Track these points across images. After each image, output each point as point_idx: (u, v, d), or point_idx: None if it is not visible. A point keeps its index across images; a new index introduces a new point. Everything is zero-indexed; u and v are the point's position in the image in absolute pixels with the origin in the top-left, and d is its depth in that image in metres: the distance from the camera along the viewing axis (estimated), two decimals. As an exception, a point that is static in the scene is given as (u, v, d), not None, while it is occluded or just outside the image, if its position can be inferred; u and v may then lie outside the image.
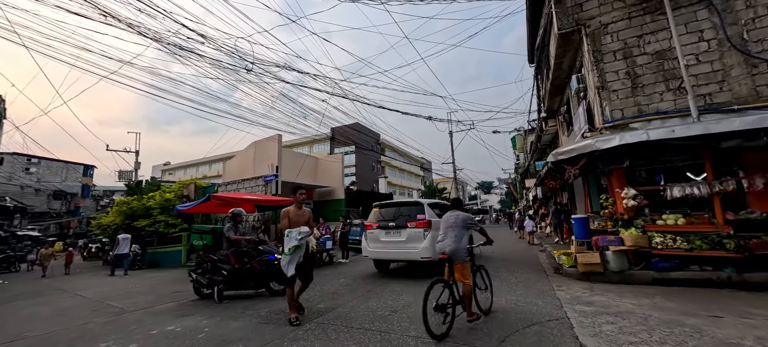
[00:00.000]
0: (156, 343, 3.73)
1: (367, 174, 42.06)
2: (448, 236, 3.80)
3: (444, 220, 4.02)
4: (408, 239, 6.46)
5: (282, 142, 14.46)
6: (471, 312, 3.65)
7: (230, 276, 5.70)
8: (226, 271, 5.72)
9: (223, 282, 5.70)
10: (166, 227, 13.12)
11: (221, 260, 5.85)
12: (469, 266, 3.75)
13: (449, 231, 3.83)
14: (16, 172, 33.19)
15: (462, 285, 3.65)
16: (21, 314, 5.92)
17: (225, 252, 5.92)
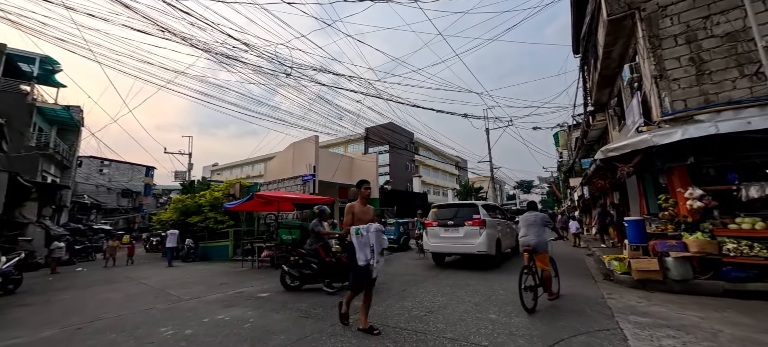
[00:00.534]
0: (208, 331, 4.04)
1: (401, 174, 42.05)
2: (530, 232, 4.68)
3: (524, 219, 4.91)
4: (465, 235, 7.54)
5: (319, 142, 14.94)
6: (551, 292, 4.64)
7: (320, 269, 5.95)
8: (316, 265, 5.98)
9: (313, 276, 5.97)
10: (215, 223, 14.15)
11: (310, 254, 6.11)
12: (548, 255, 4.66)
13: (531, 228, 4.72)
14: (92, 173, 37.75)
15: (542, 271, 4.50)
16: (97, 298, 6.72)
17: (313, 246, 6.14)
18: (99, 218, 33.07)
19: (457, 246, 7.78)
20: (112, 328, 4.38)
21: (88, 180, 36.56)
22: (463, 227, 7.60)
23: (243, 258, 11.42)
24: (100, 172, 39.71)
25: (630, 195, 9.30)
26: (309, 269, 6.07)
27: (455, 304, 4.70)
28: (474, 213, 7.68)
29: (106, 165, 40.60)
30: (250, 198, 10.30)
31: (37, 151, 18.20)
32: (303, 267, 6.16)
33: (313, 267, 6.02)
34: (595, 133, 13.00)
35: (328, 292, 5.84)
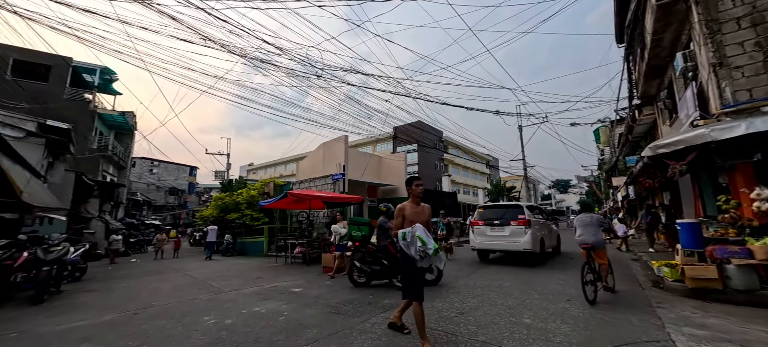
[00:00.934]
0: (246, 321, 4.26)
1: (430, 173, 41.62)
2: (587, 232, 5.16)
3: (580, 220, 5.40)
4: (511, 234, 8.14)
5: (348, 142, 15.19)
6: (606, 282, 5.11)
7: (390, 266, 6.07)
8: (388, 261, 6.09)
9: (382, 273, 6.11)
10: (252, 220, 14.88)
11: (380, 250, 6.22)
12: (606, 251, 5.19)
13: (587, 228, 5.21)
14: (143, 173, 41.21)
15: (600, 265, 4.97)
16: (148, 287, 7.33)
17: (383, 243, 6.22)
18: (149, 214, 36.03)
19: (502, 244, 8.37)
20: (163, 315, 4.76)
21: (140, 179, 39.97)
22: (509, 226, 8.20)
23: (277, 254, 11.90)
24: (150, 172, 43.24)
25: (683, 195, 8.53)
26: (379, 265, 6.14)
27: (487, 307, 4.58)
28: (519, 213, 8.25)
29: (156, 165, 44.09)
30: (284, 196, 10.71)
31: (98, 153, 20.19)
32: (372, 264, 6.21)
33: (383, 264, 6.10)
34: (642, 128, 12.03)
35: (396, 287, 6.01)
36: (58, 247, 6.67)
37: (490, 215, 8.77)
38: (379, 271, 6.14)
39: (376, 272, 6.15)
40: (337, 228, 8.56)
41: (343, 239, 8.19)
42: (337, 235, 8.40)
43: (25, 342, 3.77)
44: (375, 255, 6.23)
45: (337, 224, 8.65)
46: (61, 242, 7.04)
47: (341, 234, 8.38)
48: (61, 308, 5.45)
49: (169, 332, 3.97)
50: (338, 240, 8.26)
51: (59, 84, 19.56)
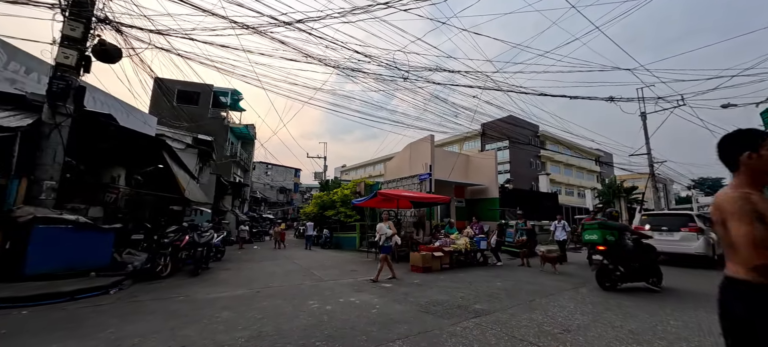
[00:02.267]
0: (343, 309, 4.65)
1: (524, 171, 38.02)
2: None
3: None
4: (681, 239, 8.95)
5: (434, 141, 15.07)
6: None
7: (643, 267, 6.02)
8: (640, 263, 6.03)
9: (636, 274, 6.00)
10: (346, 217, 16.18)
11: (634, 251, 6.15)
12: None
13: None
14: (261, 174, 49.15)
15: None
16: (266, 271, 8.70)
17: (629, 243, 6.19)
18: (265, 209, 42.80)
19: (672, 247, 8.95)
20: (278, 295, 5.59)
21: (259, 180, 47.80)
22: (679, 232, 9.01)
23: (368, 250, 12.63)
24: (265, 173, 51.31)
25: None
26: (628, 267, 5.98)
27: (601, 327, 3.92)
28: (689, 221, 9.20)
29: (270, 168, 52.06)
30: (374, 195, 11.31)
31: (230, 159, 24.98)
32: (625, 264, 6.02)
33: (636, 265, 5.98)
34: None
35: (652, 288, 5.93)
36: (207, 233, 8.51)
37: (658, 222, 9.57)
38: (633, 273, 5.95)
39: (629, 274, 5.94)
40: (383, 228, 7.53)
41: (388, 240, 7.36)
42: (383, 236, 7.41)
43: (189, 305, 4.92)
44: (628, 257, 5.99)
45: (383, 223, 7.66)
46: (208, 229, 8.95)
47: (387, 234, 7.38)
48: (209, 281, 6.94)
49: (282, 310, 4.62)
50: (384, 240, 7.36)
51: (205, 106, 24.94)
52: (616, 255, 6.06)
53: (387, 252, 7.26)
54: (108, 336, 3.50)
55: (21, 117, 6.44)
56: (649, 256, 6.13)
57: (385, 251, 7.26)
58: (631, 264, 5.99)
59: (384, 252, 7.25)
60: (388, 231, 7.37)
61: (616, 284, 6.01)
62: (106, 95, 10.47)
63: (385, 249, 7.28)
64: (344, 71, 11.71)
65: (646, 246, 6.24)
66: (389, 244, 7.36)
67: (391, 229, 7.40)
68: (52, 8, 7.00)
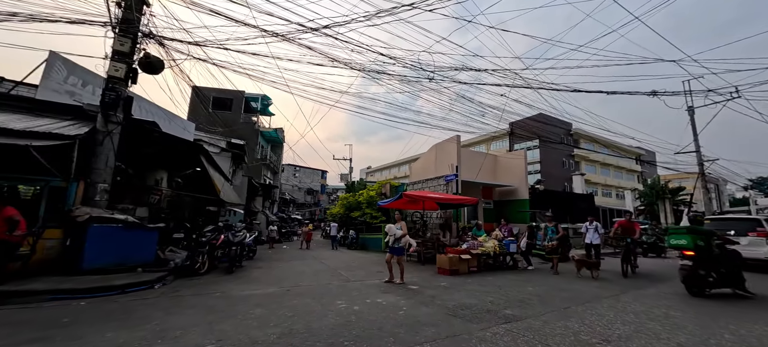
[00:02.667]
0: (370, 310, 4.69)
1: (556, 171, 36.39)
2: None
3: None
4: (749, 244, 8.70)
5: (460, 142, 14.82)
6: None
7: (730, 274, 5.84)
8: (726, 269, 5.85)
9: (726, 280, 5.83)
10: (371, 218, 16.29)
11: (725, 257, 5.97)
12: None
13: None
14: (289, 176, 50.67)
15: None
16: (295, 270, 8.95)
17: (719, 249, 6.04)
18: (294, 210, 44.07)
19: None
20: (307, 294, 5.74)
21: (287, 182, 49.31)
22: (746, 237, 8.81)
23: (393, 251, 12.63)
24: (293, 175, 52.86)
25: None
26: (718, 273, 5.82)
27: (645, 339, 3.66)
28: (757, 226, 9.17)
29: (298, 170, 53.58)
30: (399, 197, 11.30)
31: (260, 162, 25.99)
32: (717, 270, 5.86)
33: (723, 271, 5.83)
34: None
35: (744, 294, 5.76)
36: (240, 233, 8.90)
37: (722, 226, 9.22)
38: (723, 278, 5.82)
39: (719, 281, 5.80)
40: (393, 228, 7.13)
41: (398, 241, 7.00)
42: (393, 236, 7.03)
43: (225, 301, 5.18)
44: (717, 263, 5.85)
45: (395, 224, 7.22)
46: (241, 229, 9.36)
47: (397, 235, 7.00)
48: (242, 279, 7.26)
49: (311, 308, 4.74)
50: (393, 242, 7.01)
51: (237, 111, 26.16)
52: (708, 261, 5.89)
53: (399, 253, 6.99)
54: (154, 327, 3.77)
55: (79, 126, 7.10)
56: (735, 262, 5.98)
57: (396, 252, 6.98)
58: (720, 270, 5.86)
59: (396, 253, 6.97)
60: (399, 231, 7.02)
61: (704, 290, 5.86)
62: (150, 103, 11.28)
63: (396, 250, 6.98)
64: (369, 74, 11.82)
65: (732, 251, 6.10)
66: (400, 245, 7.03)
67: (402, 230, 7.05)
68: (104, 26, 7.67)
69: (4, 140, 5.54)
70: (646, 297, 5.84)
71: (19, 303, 4.75)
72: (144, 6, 7.85)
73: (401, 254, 7.05)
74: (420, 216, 14.02)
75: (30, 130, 6.09)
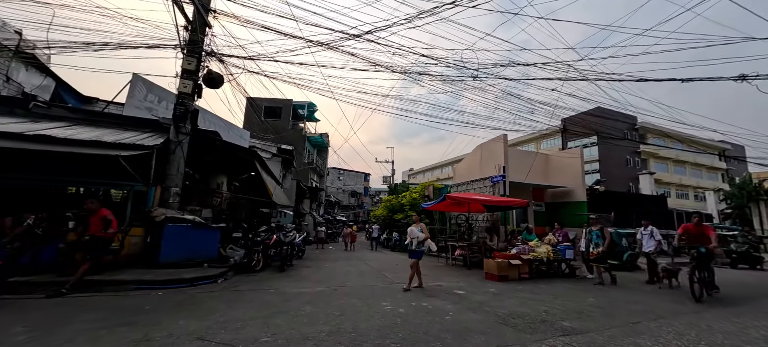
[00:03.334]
0: (415, 313, 4.64)
1: (619, 171, 32.99)
2: None
3: None
4: None
5: (507, 141, 14.13)
6: None
7: None
8: None
9: None
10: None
11: None
12: None
13: None
14: (334, 179, 52.47)
15: None
16: (341, 270, 9.22)
17: None
18: (338, 212, 45.49)
19: None
20: (353, 294, 5.87)
21: (332, 185, 51.09)
22: None
23: (438, 254, 12.40)
24: (338, 178, 54.63)
25: None
26: None
27: (739, 363, 3.14)
28: None
29: (342, 173, 55.28)
30: (443, 199, 11.09)
31: (307, 166, 27.27)
32: None
33: None
34: None
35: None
36: (290, 233, 9.42)
37: None
38: None
39: None
40: (414, 231, 6.76)
41: (420, 244, 6.68)
42: (415, 239, 6.68)
43: (278, 297, 5.50)
44: None
45: (414, 226, 6.88)
46: (292, 230, 9.89)
47: (419, 238, 6.66)
48: (293, 277, 7.65)
49: (358, 309, 4.83)
50: (416, 244, 6.66)
51: (286, 118, 27.77)
52: None
53: (417, 257, 6.60)
54: (218, 318, 4.13)
55: (156, 137, 8.08)
56: None
57: (415, 256, 6.59)
58: None
59: (414, 257, 6.59)
60: (420, 234, 6.67)
61: None
62: (212, 115, 12.46)
63: (416, 254, 6.60)
64: (411, 76, 11.81)
65: None
66: (421, 249, 6.68)
67: (423, 232, 6.72)
68: (175, 48, 8.66)
69: (100, 151, 6.50)
70: (739, 314, 5.01)
71: (111, 290, 5.53)
72: (206, 28, 8.71)
73: (420, 258, 6.68)
74: (465, 219, 13.61)
75: (119, 142, 7.07)
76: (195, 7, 8.23)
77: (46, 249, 5.99)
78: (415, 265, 6.53)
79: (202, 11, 8.36)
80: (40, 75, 11.66)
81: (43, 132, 6.51)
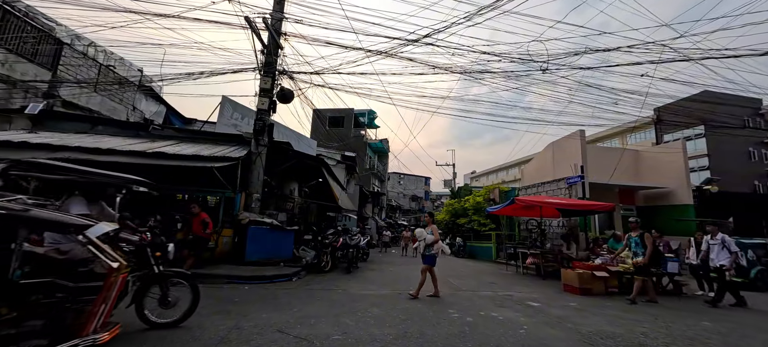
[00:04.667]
0: (485, 324, 4.40)
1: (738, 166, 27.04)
2: None
3: None
4: None
5: (585, 137, 12.66)
6: None
7: None
8: None
9: None
10: (479, 225, 15.48)
11: None
12: None
13: None
14: (394, 184, 53.11)
15: None
16: (404, 274, 9.22)
17: None
18: (399, 216, 45.84)
19: None
20: (419, 299, 5.82)
21: (393, 189, 51.79)
22: None
23: (507, 262, 11.63)
24: (398, 183, 55.17)
25: None
26: None
27: None
28: None
29: (402, 177, 55.70)
30: (511, 202, 10.38)
31: (369, 171, 28.13)
32: None
33: None
34: None
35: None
36: (355, 237, 9.79)
37: None
38: None
39: None
40: (424, 233, 6.30)
41: (429, 248, 6.15)
42: (423, 242, 6.22)
43: (346, 297, 5.74)
44: None
45: (426, 228, 6.38)
46: (356, 233, 10.27)
47: (428, 241, 6.15)
48: (359, 279, 7.92)
49: (424, 315, 4.77)
50: (424, 248, 6.19)
51: (348, 127, 29.11)
52: None
53: (430, 262, 6.11)
54: (294, 313, 4.47)
55: (240, 149, 9.19)
56: None
57: (427, 262, 6.11)
58: None
59: (427, 262, 6.11)
60: (430, 236, 6.16)
61: None
62: (284, 127, 13.71)
63: (428, 259, 6.12)
64: (471, 75, 11.39)
65: None
66: (432, 253, 6.16)
67: (434, 234, 6.17)
68: (253, 71, 9.78)
69: (199, 164, 7.64)
70: None
71: (208, 283, 6.40)
72: (279, 49, 9.65)
73: (432, 263, 6.15)
74: (536, 224, 12.52)
75: (213, 155, 8.23)
76: (269, 33, 9.18)
77: (162, 246, 7.24)
78: (426, 270, 6.07)
79: (275, 36, 9.29)
80: (156, 103, 14.24)
81: (159, 149, 7.91)
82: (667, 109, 25.40)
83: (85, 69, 11.50)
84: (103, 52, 12.28)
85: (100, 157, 7.20)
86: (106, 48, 12.39)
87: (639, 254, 6.58)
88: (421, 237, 6.30)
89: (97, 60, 11.94)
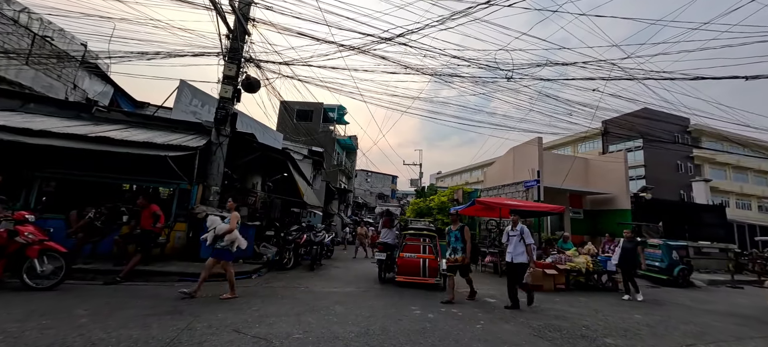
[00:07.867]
0: (445, 320, 4.55)
1: (668, 176, 30.44)
2: None
3: None
4: None
5: (542, 144, 13.52)
6: None
7: None
8: None
9: None
10: (442, 224, 15.93)
11: None
12: None
13: None
14: (362, 181, 53.02)
15: None
16: (370, 272, 9.24)
17: None
18: (366, 213, 45.87)
19: None
20: (383, 296, 5.86)
21: (360, 186, 51.66)
22: None
23: (467, 260, 12.11)
24: (366, 180, 55.14)
25: None
26: None
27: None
28: None
29: (370, 175, 55.74)
30: (472, 203, 10.82)
31: (336, 168, 27.79)
32: None
33: None
34: None
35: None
36: (320, 233, 9.63)
37: None
38: None
39: None
40: (216, 220, 5.16)
41: (220, 239, 4.99)
42: (211, 232, 5.07)
43: (309, 295, 5.63)
44: None
45: (222, 211, 5.75)
46: (321, 230, 10.11)
47: (218, 231, 5.00)
48: (323, 277, 7.81)
49: (387, 311, 4.81)
50: (211, 239, 5.06)
51: (317, 121, 28.52)
52: None
53: (222, 256, 5.00)
54: (253, 312, 4.30)
55: (199, 139, 8.62)
56: None
57: (219, 255, 4.99)
58: None
59: (219, 256, 4.99)
60: (223, 226, 4.98)
61: None
62: (249, 118, 13.09)
63: (219, 252, 4.98)
64: (442, 77, 11.66)
65: None
66: (222, 245, 4.96)
67: (231, 222, 5.01)
68: (217, 56, 9.21)
69: (151, 152, 7.05)
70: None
71: (158, 280, 5.96)
72: (246, 36, 9.18)
73: (226, 258, 5.01)
74: (495, 225, 13.17)
75: (167, 143, 7.63)
76: (236, 17, 8.70)
77: (105, 240, 6.60)
78: (212, 265, 4.97)
79: (243, 20, 8.82)
80: (101, 82, 12.90)
81: (104, 134, 7.19)
82: (613, 122, 27.90)
83: (15, 37, 10.11)
84: (39, 20, 10.88)
85: (30, 139, 6.39)
86: (43, 16, 10.99)
87: (458, 250, 5.95)
88: (212, 227, 4.98)
89: (31, 29, 10.55)
